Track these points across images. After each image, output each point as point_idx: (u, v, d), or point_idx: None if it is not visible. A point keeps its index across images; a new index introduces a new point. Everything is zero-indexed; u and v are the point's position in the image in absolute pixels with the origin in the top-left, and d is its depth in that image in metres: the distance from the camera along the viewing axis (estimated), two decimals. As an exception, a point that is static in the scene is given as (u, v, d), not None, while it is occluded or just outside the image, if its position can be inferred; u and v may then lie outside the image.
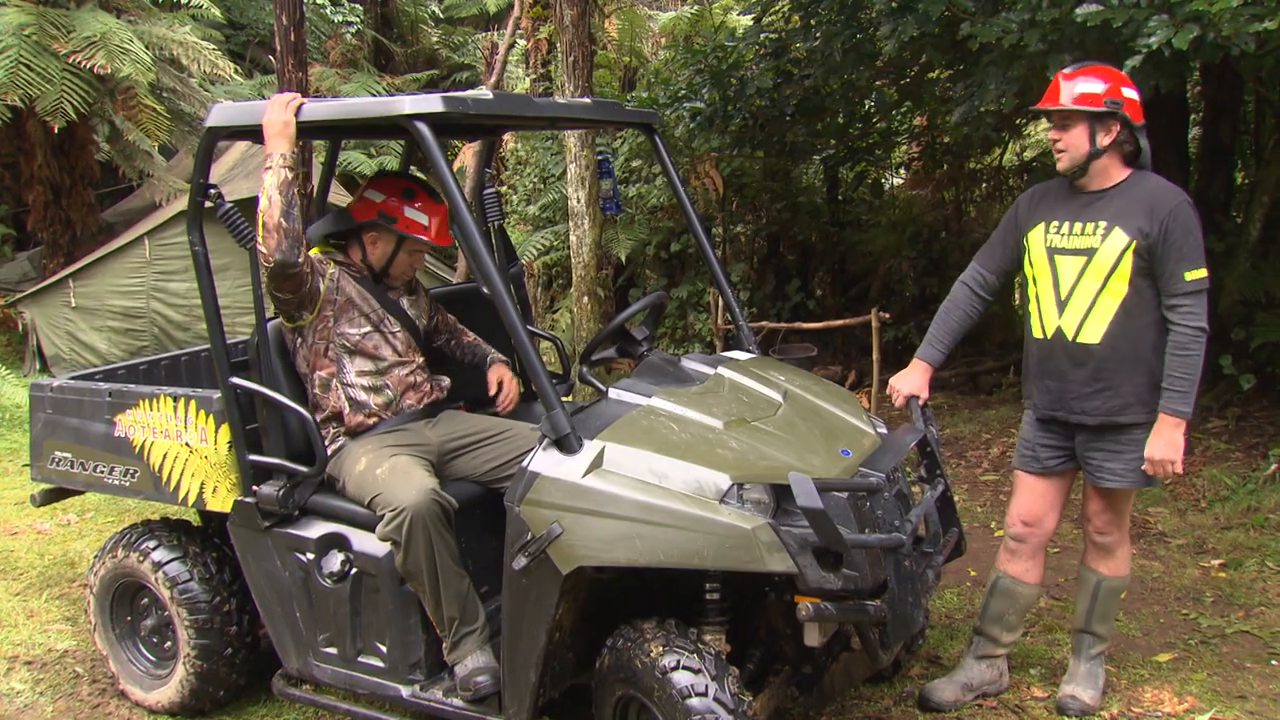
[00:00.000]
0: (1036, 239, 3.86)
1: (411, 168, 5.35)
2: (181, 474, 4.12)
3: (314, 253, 3.92)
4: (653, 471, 3.11)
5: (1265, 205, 7.11)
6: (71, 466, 4.45)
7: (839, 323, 8.88)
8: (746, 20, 9.72)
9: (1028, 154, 11.29)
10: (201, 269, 3.81)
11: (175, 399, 4.09)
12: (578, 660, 3.55)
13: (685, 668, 3.11)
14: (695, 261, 10.32)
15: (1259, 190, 7.21)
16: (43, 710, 4.46)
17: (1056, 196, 3.88)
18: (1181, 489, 6.36)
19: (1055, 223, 3.83)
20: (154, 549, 4.24)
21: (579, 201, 8.45)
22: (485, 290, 3.56)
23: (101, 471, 4.36)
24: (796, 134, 9.15)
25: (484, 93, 3.46)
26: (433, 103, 3.24)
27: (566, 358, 5.07)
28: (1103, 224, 3.69)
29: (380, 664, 3.80)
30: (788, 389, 3.85)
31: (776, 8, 8.19)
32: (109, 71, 11.43)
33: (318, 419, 3.90)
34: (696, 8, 12.75)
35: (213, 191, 3.72)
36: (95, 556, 4.48)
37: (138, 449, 4.22)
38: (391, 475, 3.68)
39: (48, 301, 11.85)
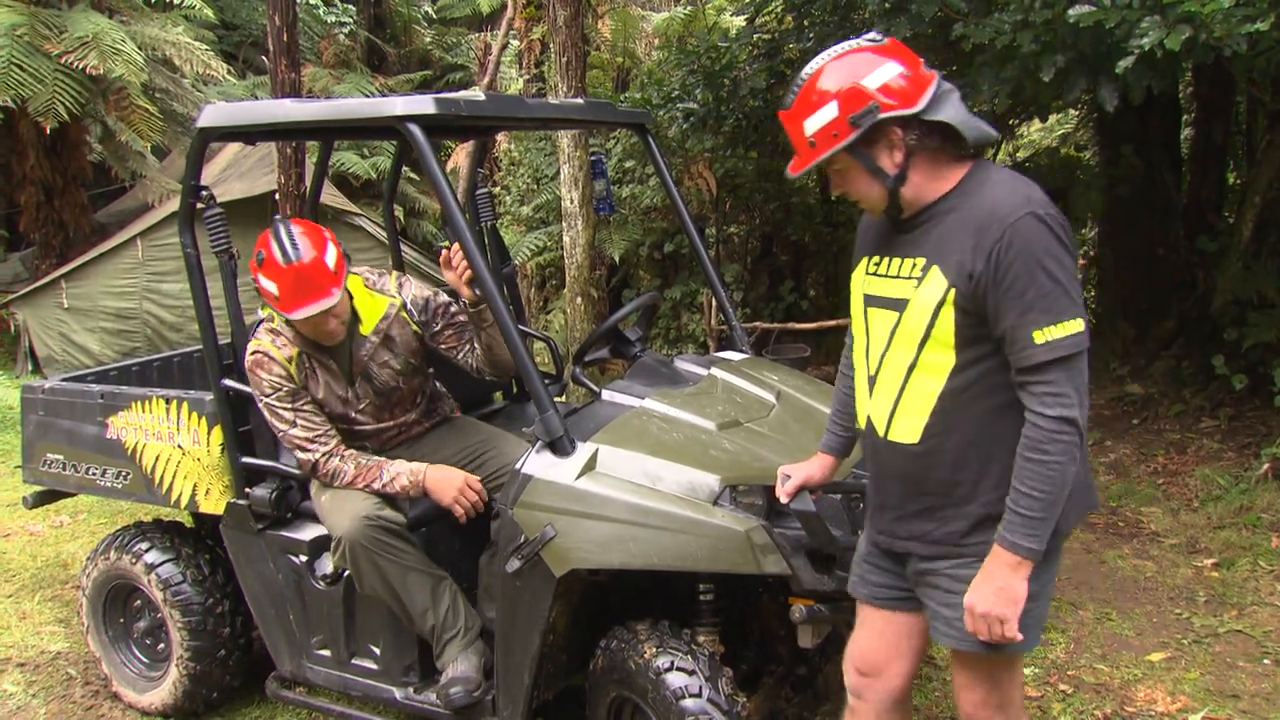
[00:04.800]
0: (857, 283, 2.69)
1: (404, 167, 5.34)
2: (174, 476, 4.11)
3: (266, 346, 3.70)
4: (646, 473, 3.11)
5: (1257, 205, 7.12)
6: (64, 468, 4.44)
7: (832, 323, 8.85)
8: (739, 21, 9.72)
9: (1020, 154, 11.29)
10: (194, 270, 3.80)
11: (168, 401, 4.08)
12: (571, 662, 3.54)
13: (679, 669, 3.11)
14: (688, 262, 10.30)
15: (1251, 190, 7.22)
16: (35, 712, 4.45)
17: None
18: (1174, 489, 6.37)
19: (875, 257, 2.63)
20: (147, 551, 4.24)
21: (572, 202, 8.44)
22: (478, 291, 3.55)
23: (94, 473, 4.35)
24: (790, 135, 9.13)
25: (477, 94, 3.46)
26: (425, 104, 3.22)
27: (560, 358, 5.06)
28: (920, 261, 2.46)
29: (373, 666, 3.80)
30: (781, 390, 3.85)
31: (770, 8, 8.18)
32: (101, 72, 11.42)
33: None
34: (690, 8, 12.73)
35: (205, 193, 3.72)
36: (88, 558, 4.47)
37: (130, 451, 4.21)
38: (332, 503, 3.66)
39: (40, 302, 11.82)
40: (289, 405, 3.66)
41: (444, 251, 3.62)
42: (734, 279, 10.14)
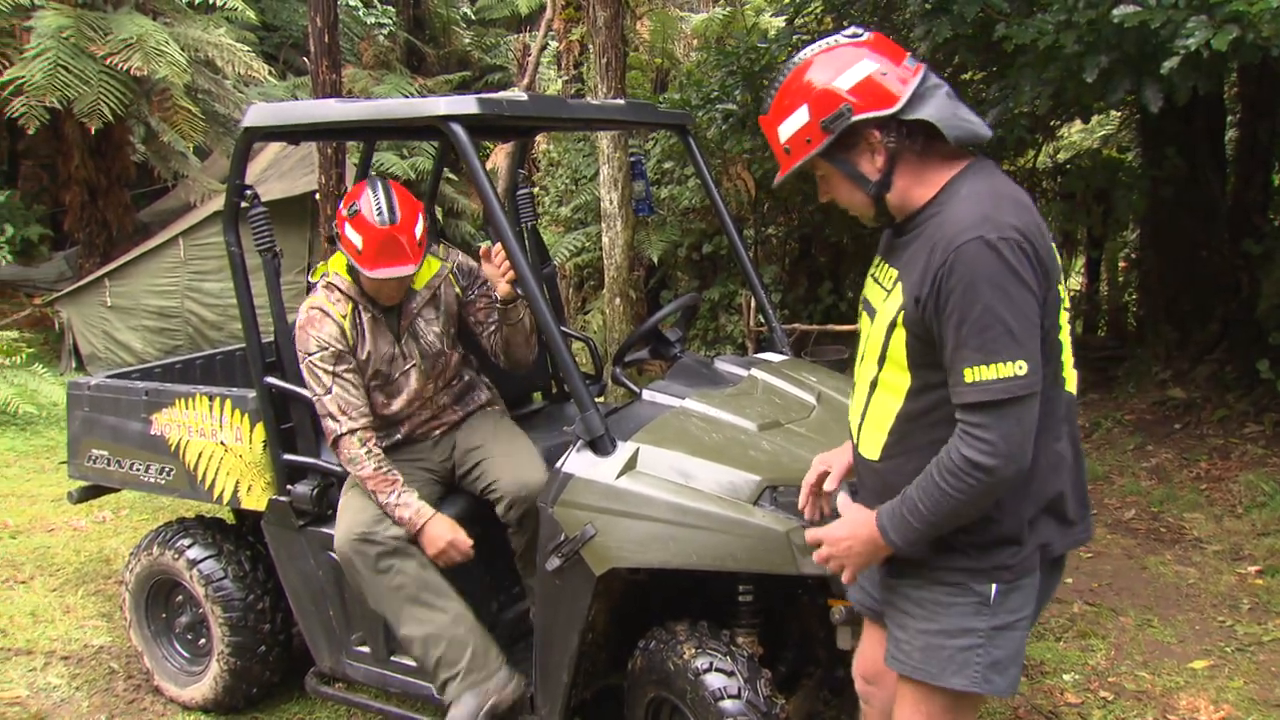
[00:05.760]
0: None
1: (445, 169, 5.37)
2: (216, 472, 4.15)
3: (322, 301, 3.67)
4: (686, 473, 3.10)
5: (1304, 208, 7.04)
6: (108, 464, 4.49)
7: (871, 325, 8.82)
8: (779, 21, 9.70)
9: (1061, 156, 11.20)
10: (237, 269, 3.83)
11: (211, 398, 4.12)
12: (610, 661, 3.54)
13: (718, 670, 3.10)
14: (727, 263, 10.30)
15: (1298, 192, 7.14)
16: (78, 705, 4.50)
17: None
18: (1217, 494, 6.29)
19: (878, 259, 2.48)
20: (189, 547, 4.27)
21: (611, 203, 8.45)
22: (519, 290, 3.56)
23: (137, 469, 4.40)
24: (829, 136, 9.10)
25: (518, 94, 3.46)
26: (468, 104, 3.23)
27: (599, 359, 5.06)
28: (895, 273, 2.31)
29: (412, 663, 3.81)
30: (821, 391, 3.84)
31: (809, 9, 8.16)
32: (145, 73, 11.56)
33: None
34: (729, 9, 12.72)
35: (249, 193, 3.75)
36: (131, 553, 4.52)
37: (173, 447, 4.25)
38: (342, 508, 3.68)
39: (84, 301, 11.97)
40: (329, 368, 3.60)
41: (484, 246, 3.65)
42: (773, 280, 10.13)
